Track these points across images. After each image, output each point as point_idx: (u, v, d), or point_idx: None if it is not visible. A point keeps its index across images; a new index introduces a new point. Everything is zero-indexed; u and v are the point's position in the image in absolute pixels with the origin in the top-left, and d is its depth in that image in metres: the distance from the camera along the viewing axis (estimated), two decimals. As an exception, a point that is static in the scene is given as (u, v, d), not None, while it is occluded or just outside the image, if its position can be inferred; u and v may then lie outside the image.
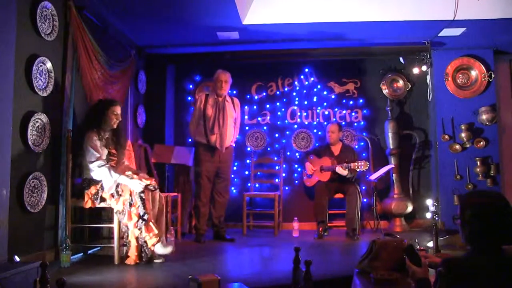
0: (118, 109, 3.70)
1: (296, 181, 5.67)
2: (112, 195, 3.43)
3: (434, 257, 2.26)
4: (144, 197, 3.39)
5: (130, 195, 3.39)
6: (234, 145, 4.85)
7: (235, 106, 4.75)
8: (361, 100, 5.75)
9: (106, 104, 3.69)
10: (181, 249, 4.09)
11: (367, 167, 4.77)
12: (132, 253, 3.37)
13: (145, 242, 3.36)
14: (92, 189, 3.47)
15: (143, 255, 3.37)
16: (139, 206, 3.36)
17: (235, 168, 5.65)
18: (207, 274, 2.53)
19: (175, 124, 5.83)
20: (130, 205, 3.37)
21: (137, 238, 3.36)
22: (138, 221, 3.34)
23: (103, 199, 3.45)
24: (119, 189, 3.43)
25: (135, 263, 3.34)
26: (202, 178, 4.55)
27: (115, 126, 3.69)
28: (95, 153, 3.46)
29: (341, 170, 4.83)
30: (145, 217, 3.35)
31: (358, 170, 4.80)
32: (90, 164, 3.46)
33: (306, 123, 5.77)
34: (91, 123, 3.60)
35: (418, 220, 5.52)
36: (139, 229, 3.35)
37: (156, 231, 3.37)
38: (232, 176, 5.61)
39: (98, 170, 3.45)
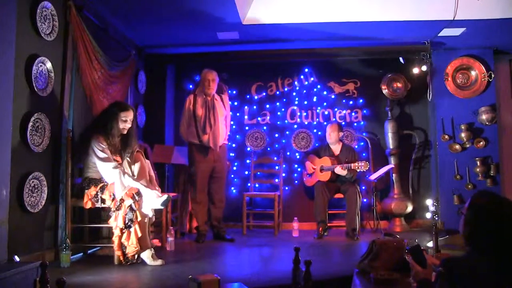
0: (128, 115, 3.61)
1: (296, 181, 5.67)
2: (122, 199, 3.36)
3: (433, 258, 2.27)
4: (135, 208, 3.34)
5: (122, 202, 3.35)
6: (227, 142, 4.85)
7: (224, 103, 4.73)
8: (361, 100, 5.75)
9: (117, 108, 3.62)
10: (181, 249, 4.10)
11: (367, 168, 4.77)
12: (116, 252, 3.34)
13: (125, 247, 3.32)
14: (92, 190, 3.45)
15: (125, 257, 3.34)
16: (127, 213, 3.32)
17: (235, 168, 5.66)
18: (207, 274, 2.53)
19: (175, 124, 5.81)
20: (118, 208, 3.34)
21: (119, 240, 3.33)
22: (123, 228, 3.31)
23: (103, 201, 3.43)
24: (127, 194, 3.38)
25: (118, 263, 3.33)
26: (197, 178, 4.51)
27: (124, 132, 3.64)
28: (105, 154, 3.44)
29: (340, 170, 4.84)
30: (130, 224, 3.31)
31: (358, 170, 4.81)
32: (102, 162, 3.42)
33: (306, 123, 5.77)
34: (100, 127, 3.55)
35: (418, 220, 5.52)
36: (121, 235, 3.32)
37: (135, 243, 3.30)
38: (232, 176, 5.63)
39: (111, 172, 3.41)
